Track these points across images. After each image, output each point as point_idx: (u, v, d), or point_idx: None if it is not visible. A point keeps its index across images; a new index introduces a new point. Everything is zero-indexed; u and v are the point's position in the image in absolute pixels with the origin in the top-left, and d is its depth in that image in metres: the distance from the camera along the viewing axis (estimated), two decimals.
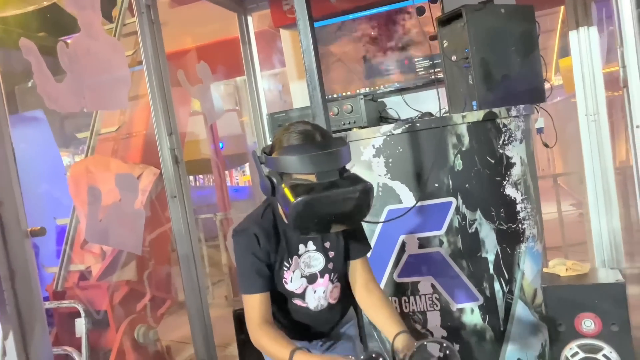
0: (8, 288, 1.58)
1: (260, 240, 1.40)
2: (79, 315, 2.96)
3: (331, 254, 1.47)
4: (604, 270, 2.54)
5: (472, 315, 2.41)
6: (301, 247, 1.46)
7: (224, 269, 4.91)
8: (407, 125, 2.29)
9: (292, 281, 1.46)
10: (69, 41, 2.12)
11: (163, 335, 3.38)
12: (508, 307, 2.44)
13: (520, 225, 2.46)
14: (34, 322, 1.64)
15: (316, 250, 1.46)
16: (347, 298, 1.54)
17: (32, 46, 1.72)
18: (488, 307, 2.41)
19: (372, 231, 2.32)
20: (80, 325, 2.16)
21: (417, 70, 2.68)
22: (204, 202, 5.74)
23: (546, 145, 2.66)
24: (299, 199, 1.22)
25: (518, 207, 2.45)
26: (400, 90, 2.76)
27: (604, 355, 2.20)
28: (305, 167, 1.26)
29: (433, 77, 2.64)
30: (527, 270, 2.49)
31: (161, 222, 2.99)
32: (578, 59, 2.62)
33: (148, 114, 3.22)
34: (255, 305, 1.39)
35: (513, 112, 2.39)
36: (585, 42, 2.61)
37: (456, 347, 2.37)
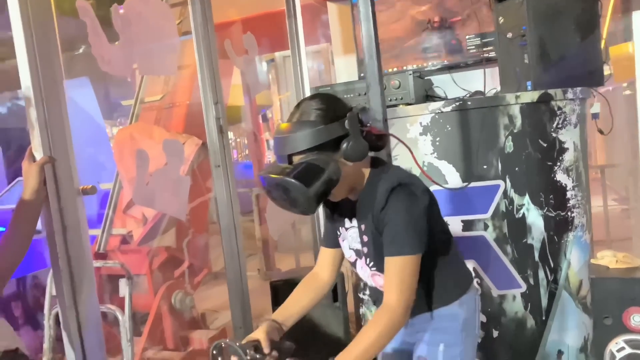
0: (60, 242, 1.61)
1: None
2: (117, 278, 3.04)
3: (365, 238, 1.35)
4: None
5: (513, 302, 2.35)
6: (347, 221, 1.40)
7: (257, 243, 4.96)
8: (457, 103, 2.22)
9: (345, 250, 1.43)
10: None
11: (197, 304, 3.45)
12: (552, 296, 2.37)
13: (569, 213, 2.37)
14: (84, 277, 1.67)
15: (357, 228, 1.37)
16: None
17: (88, 7, 1.73)
18: (531, 295, 2.35)
19: None
20: (124, 286, 2.21)
21: (468, 48, 2.60)
22: (240, 177, 5.78)
23: (601, 132, 2.55)
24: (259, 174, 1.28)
25: (568, 194, 2.36)
26: (449, 69, 2.68)
27: None
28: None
29: (483, 55, 2.55)
30: (574, 260, 2.40)
31: (202, 191, 3.02)
32: None
33: (191, 84, 3.25)
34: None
35: (569, 95, 2.29)
36: None
37: (495, 333, 2.32)
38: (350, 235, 1.39)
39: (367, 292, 1.50)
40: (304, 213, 1.25)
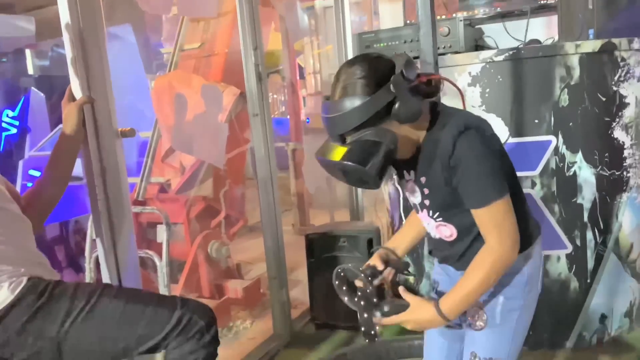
0: (100, 184, 1.61)
1: None
2: (155, 226, 3.09)
3: (426, 190, 1.27)
4: None
5: (557, 263, 2.27)
6: (406, 173, 1.31)
7: (292, 199, 4.95)
8: (511, 52, 2.08)
9: (410, 202, 1.37)
10: None
11: (232, 255, 3.49)
12: (599, 259, 2.27)
13: (625, 173, 2.23)
14: (122, 220, 1.68)
15: (414, 182, 1.29)
16: (479, 241, 1.25)
17: None
18: (576, 257, 2.25)
19: None
20: (162, 232, 2.23)
21: None
22: (276, 132, 5.74)
23: None
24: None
25: (625, 153, 2.21)
26: (502, 17, 2.51)
27: None
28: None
29: (542, 2, 2.36)
30: (626, 222, 2.28)
31: (239, 142, 2.99)
32: None
33: (230, 32, 3.16)
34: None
35: (635, 45, 2.11)
36: None
37: None
38: (409, 187, 1.32)
39: (429, 245, 1.43)
40: (370, 188, 1.23)
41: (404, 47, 2.32)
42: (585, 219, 2.22)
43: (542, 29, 2.49)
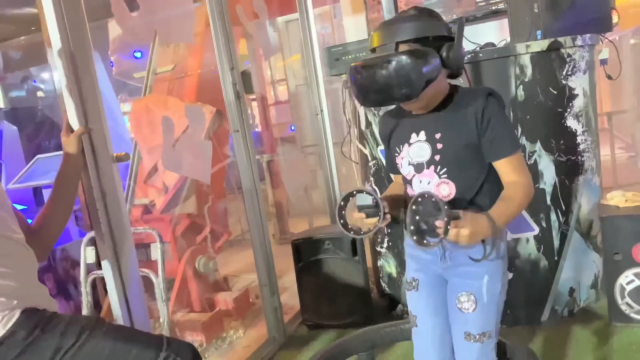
0: (102, 208, 1.70)
1: (381, 123, 1.52)
2: (143, 247, 3.14)
3: (439, 145, 1.36)
4: None
5: (527, 245, 2.46)
6: (413, 135, 1.42)
7: (271, 209, 5.06)
8: (469, 56, 2.27)
9: (402, 167, 1.47)
10: None
11: (218, 268, 3.56)
12: (563, 238, 2.47)
13: (579, 158, 2.45)
14: (124, 241, 1.77)
15: (426, 140, 1.39)
16: (472, 204, 1.37)
17: None
18: (543, 238, 2.45)
19: None
20: (156, 249, 2.31)
21: (477, 1, 2.62)
22: None
23: (609, 77, 2.59)
24: (351, 66, 1.31)
25: (578, 139, 2.43)
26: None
27: None
28: (371, 40, 1.35)
29: (493, 7, 2.57)
30: (584, 202, 2.50)
31: (219, 158, 3.09)
32: None
33: (201, 53, 3.27)
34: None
35: (578, 42, 2.33)
36: None
37: (510, 275, 2.43)
38: (413, 149, 1.42)
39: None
40: (408, 96, 1.29)
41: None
42: (549, 202, 2.43)
43: (495, 32, 2.71)
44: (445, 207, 1.21)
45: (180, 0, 2.23)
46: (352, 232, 1.37)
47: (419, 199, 1.26)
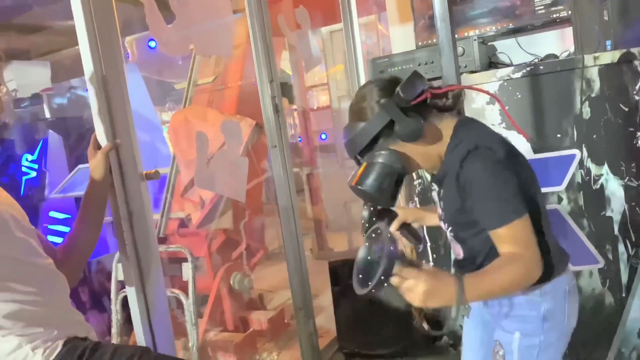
0: (127, 229, 1.61)
1: None
2: (178, 262, 3.07)
3: (442, 204, 1.27)
4: None
5: (590, 279, 2.21)
6: (434, 184, 1.32)
7: (309, 223, 4.93)
8: (528, 69, 2.07)
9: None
10: None
11: (254, 284, 3.46)
12: (632, 272, 2.21)
13: None
14: (151, 263, 1.67)
15: (437, 192, 1.30)
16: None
17: None
18: (609, 271, 2.20)
19: None
20: (188, 269, 2.22)
21: (536, 8, 2.40)
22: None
23: None
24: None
25: None
26: (514, 32, 2.50)
27: None
28: None
29: (554, 15, 2.36)
30: None
31: (257, 173, 2.99)
32: None
33: (242, 64, 3.20)
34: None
35: None
36: None
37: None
38: (435, 197, 1.34)
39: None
40: (387, 206, 1.34)
41: (419, 70, 2.31)
42: (616, 231, 2.17)
43: (556, 42, 2.48)
44: (404, 248, 1.13)
45: (219, 11, 2.15)
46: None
47: (377, 231, 1.15)
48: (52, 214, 3.48)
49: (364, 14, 3.81)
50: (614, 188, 2.14)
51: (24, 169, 3.53)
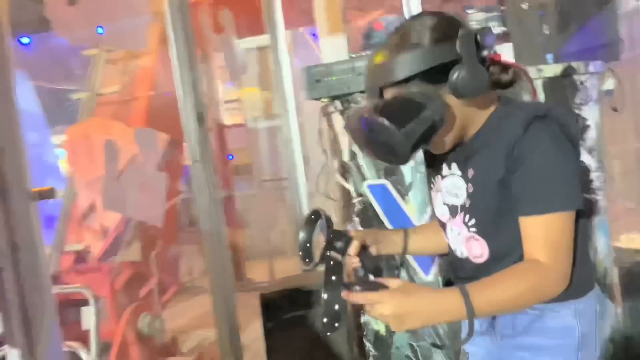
0: (8, 266, 1.21)
1: None
2: (74, 305, 2.59)
3: (470, 188, 1.02)
4: None
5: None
6: (444, 167, 1.07)
7: None
8: None
9: (437, 206, 1.12)
10: None
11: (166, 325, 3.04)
12: None
13: (594, 196, 2.18)
14: (42, 312, 1.28)
15: (461, 176, 1.04)
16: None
17: None
18: None
19: None
20: (90, 315, 1.80)
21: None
22: None
23: (615, 110, 2.37)
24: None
25: (592, 176, 2.16)
26: None
27: None
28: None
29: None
30: (600, 246, 2.21)
31: (171, 194, 2.62)
32: None
33: (153, 73, 2.84)
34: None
35: (591, 68, 2.09)
36: None
37: None
38: (446, 185, 1.07)
39: (447, 272, 1.14)
40: (396, 163, 0.98)
41: (357, 80, 2.14)
42: None
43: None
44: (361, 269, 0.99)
45: (135, 7, 1.83)
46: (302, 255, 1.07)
47: (330, 261, 0.95)
48: None
49: (291, 27, 3.62)
50: None
51: None
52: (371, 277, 1.06)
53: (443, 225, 1.11)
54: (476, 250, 1.03)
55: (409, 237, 1.16)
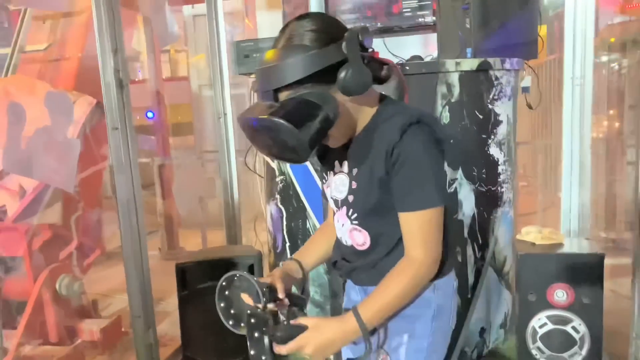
0: None
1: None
2: None
3: (354, 184, 1.11)
4: (578, 241, 2.46)
5: None
6: (337, 164, 1.16)
7: (159, 219, 4.52)
8: None
9: (328, 199, 1.22)
10: None
11: (87, 288, 3.02)
12: (478, 274, 2.31)
13: (499, 189, 2.31)
14: None
15: (347, 173, 1.13)
16: (390, 258, 1.12)
17: None
18: (458, 273, 2.24)
19: None
20: None
21: (404, 10, 2.40)
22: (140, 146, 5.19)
23: (530, 107, 2.51)
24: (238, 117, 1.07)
25: (499, 169, 2.29)
26: (382, 32, 2.48)
27: (573, 327, 2.12)
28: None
29: (420, 20, 2.38)
30: (501, 237, 2.36)
31: (95, 159, 2.57)
32: (572, 15, 2.45)
33: (85, 34, 2.75)
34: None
35: (507, 65, 2.19)
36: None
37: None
38: (335, 181, 1.17)
39: (334, 256, 1.26)
40: (296, 161, 1.05)
41: None
42: (466, 234, 2.25)
43: (420, 47, 2.52)
44: (281, 318, 1.07)
45: None
46: (231, 323, 1.15)
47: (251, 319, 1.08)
48: None
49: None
50: (466, 192, 2.21)
51: None
52: (296, 310, 1.14)
53: (334, 216, 1.22)
54: (359, 239, 1.15)
55: (302, 262, 1.26)
